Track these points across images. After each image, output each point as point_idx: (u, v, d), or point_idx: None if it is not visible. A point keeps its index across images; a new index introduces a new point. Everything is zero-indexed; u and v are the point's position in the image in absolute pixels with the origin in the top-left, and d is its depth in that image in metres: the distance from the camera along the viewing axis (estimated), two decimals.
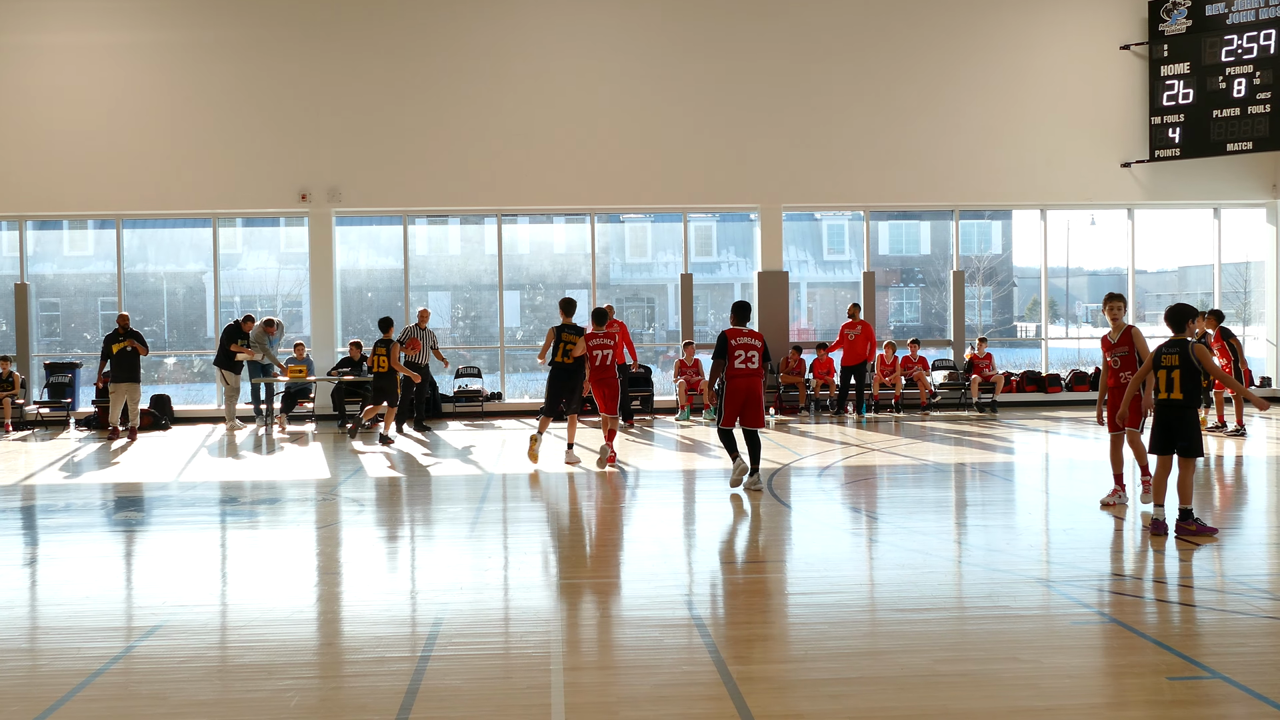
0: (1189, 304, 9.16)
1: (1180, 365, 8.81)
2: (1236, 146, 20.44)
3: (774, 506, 10.80)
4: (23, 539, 9.87)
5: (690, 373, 20.03)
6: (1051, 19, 21.45)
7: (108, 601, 7.51)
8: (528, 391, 22.16)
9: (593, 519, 10.54)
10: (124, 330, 17.97)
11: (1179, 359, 8.83)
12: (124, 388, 17.79)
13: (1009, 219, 27.00)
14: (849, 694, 5.41)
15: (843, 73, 21.07)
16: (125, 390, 17.79)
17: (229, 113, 20.36)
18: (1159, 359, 8.93)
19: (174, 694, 5.56)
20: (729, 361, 11.53)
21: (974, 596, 7.30)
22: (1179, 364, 8.82)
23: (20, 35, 20.14)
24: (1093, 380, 21.57)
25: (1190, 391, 8.81)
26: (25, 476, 13.79)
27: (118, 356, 17.75)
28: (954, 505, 11.15)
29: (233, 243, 23.21)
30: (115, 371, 17.74)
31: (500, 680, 5.71)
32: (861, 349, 19.36)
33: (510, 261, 22.45)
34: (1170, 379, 8.86)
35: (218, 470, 14.06)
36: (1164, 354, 8.91)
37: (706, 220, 25.45)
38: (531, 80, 20.61)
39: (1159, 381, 8.95)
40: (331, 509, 10.99)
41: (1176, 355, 8.85)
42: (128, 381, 17.79)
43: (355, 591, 7.74)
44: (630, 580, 8.01)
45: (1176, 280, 26.44)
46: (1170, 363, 8.86)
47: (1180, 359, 8.82)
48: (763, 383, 11.76)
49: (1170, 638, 6.32)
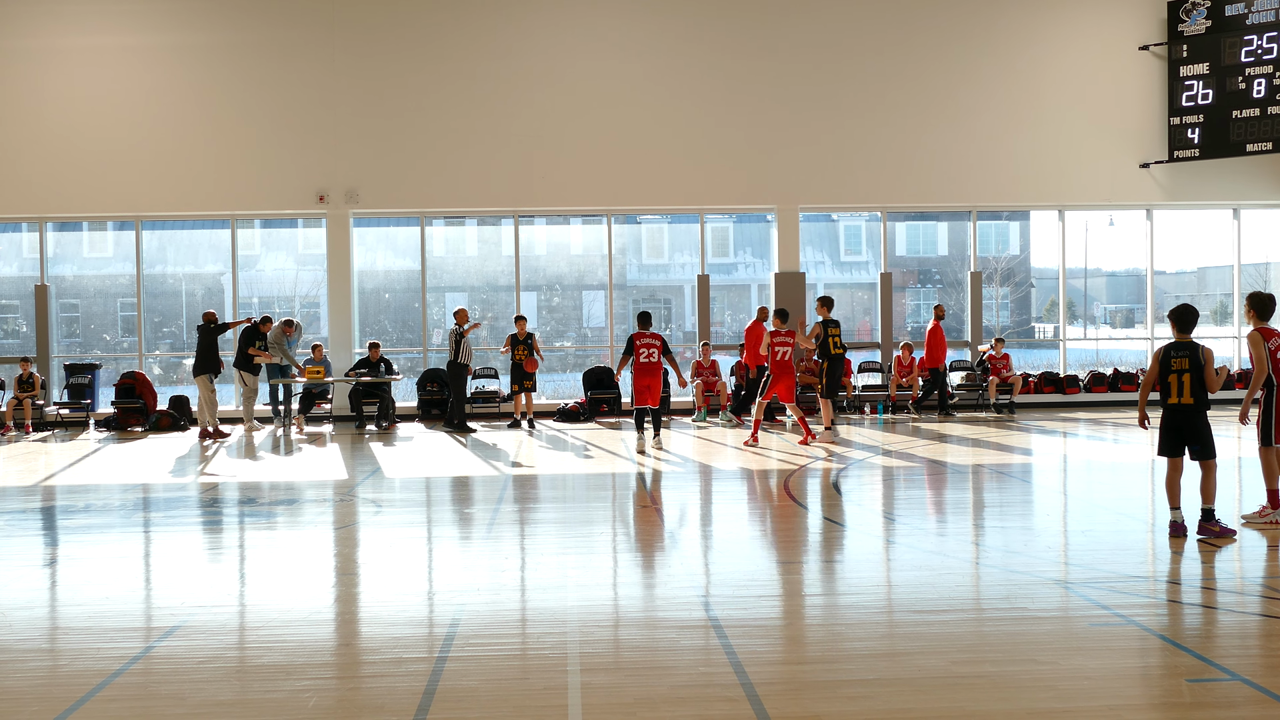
0: (1194, 306, 9.01)
1: (1190, 368, 8.71)
2: (1256, 147, 20.33)
3: (790, 507, 10.79)
4: (43, 539, 9.93)
5: (707, 374, 20.02)
6: (1070, 20, 21.37)
7: (127, 602, 7.55)
8: (544, 392, 22.18)
9: (609, 520, 10.54)
10: (216, 324, 18.19)
11: (1189, 362, 8.72)
12: (205, 379, 17.90)
13: (1027, 220, 26.94)
14: (866, 695, 5.40)
15: (860, 73, 21.03)
16: (206, 381, 17.91)
17: (247, 115, 20.45)
18: (1167, 363, 8.80)
19: (193, 694, 5.58)
20: (635, 356, 15.42)
21: (992, 598, 7.28)
22: (1189, 367, 8.71)
23: (40, 39, 20.26)
24: (1111, 381, 21.49)
25: (1200, 395, 8.71)
26: (47, 476, 13.87)
27: (204, 347, 17.92)
28: (971, 507, 11.12)
29: (251, 244, 23.31)
30: (200, 364, 17.92)
31: (517, 681, 5.72)
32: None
33: (527, 262, 22.48)
34: (1180, 382, 8.74)
35: (236, 471, 14.12)
36: (1172, 357, 8.79)
37: (723, 221, 25.46)
38: (548, 81, 20.64)
39: (1169, 385, 8.81)
40: (349, 510, 11.02)
41: (1186, 359, 8.72)
42: (206, 374, 17.94)
43: (373, 592, 7.76)
44: (647, 581, 8.01)
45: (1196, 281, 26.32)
46: (1180, 366, 8.72)
47: (1190, 362, 8.72)
48: (661, 372, 15.67)
49: (1189, 640, 6.30)
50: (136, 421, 19.47)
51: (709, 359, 20.22)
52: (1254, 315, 9.37)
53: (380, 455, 15.38)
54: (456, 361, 18.20)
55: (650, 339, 15.52)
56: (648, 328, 15.82)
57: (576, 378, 21.99)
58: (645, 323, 15.89)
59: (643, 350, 15.44)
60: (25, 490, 12.82)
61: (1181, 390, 8.70)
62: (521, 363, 18.72)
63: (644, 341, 15.50)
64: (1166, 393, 8.78)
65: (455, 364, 18.24)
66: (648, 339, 15.53)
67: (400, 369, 20.37)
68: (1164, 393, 8.82)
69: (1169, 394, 8.76)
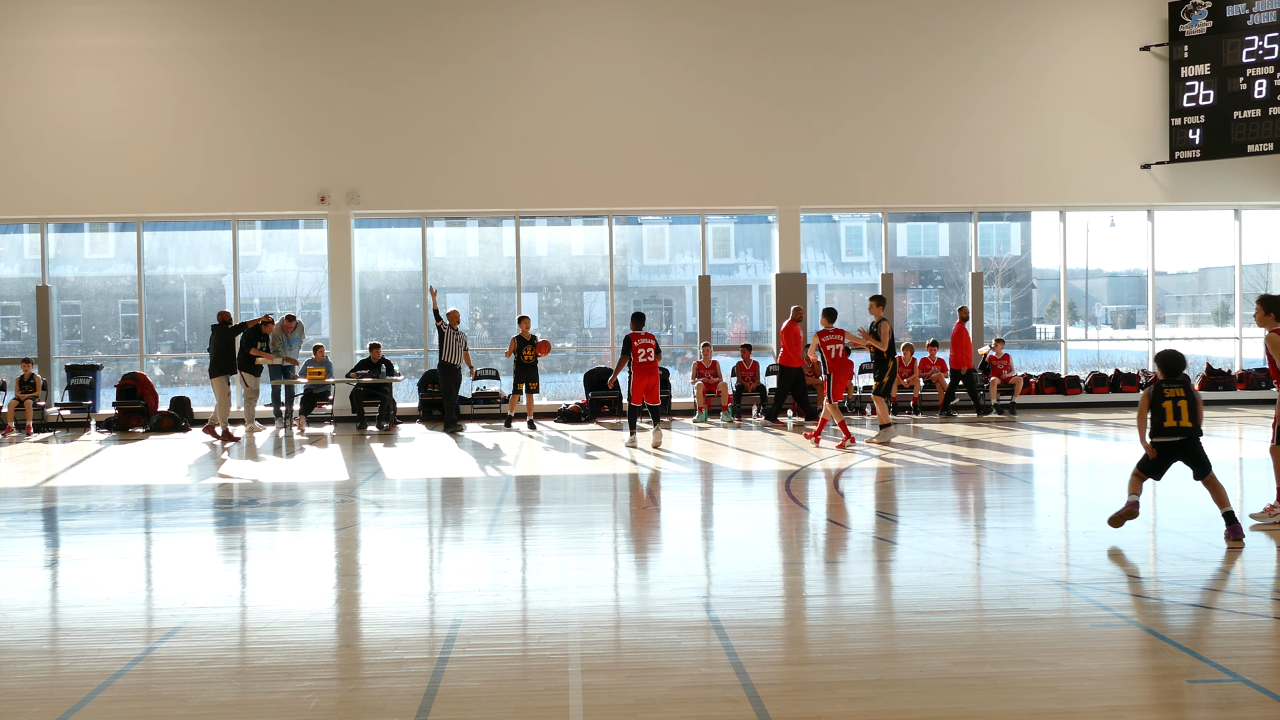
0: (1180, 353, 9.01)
1: (1186, 395, 8.78)
2: (1257, 148, 20.34)
3: (792, 508, 10.79)
4: (44, 540, 9.93)
5: (708, 374, 20.01)
6: (1071, 20, 21.37)
7: (128, 603, 7.55)
8: (545, 393, 22.19)
9: (610, 520, 10.54)
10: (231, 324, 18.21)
11: (1184, 390, 8.79)
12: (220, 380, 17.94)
13: (1028, 220, 26.93)
14: (867, 696, 5.40)
15: (861, 74, 21.04)
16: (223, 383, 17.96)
17: (248, 115, 20.46)
18: (1160, 394, 8.82)
19: (194, 695, 5.58)
20: (634, 356, 15.62)
21: (993, 599, 7.28)
22: (1184, 394, 8.77)
23: (41, 39, 20.28)
24: (1112, 382, 21.50)
25: (1196, 421, 8.77)
26: (48, 477, 13.88)
27: (220, 348, 17.93)
28: (972, 507, 11.12)
29: (252, 245, 23.32)
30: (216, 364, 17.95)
31: (518, 682, 5.72)
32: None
33: (528, 263, 22.49)
34: (1177, 408, 8.77)
35: (237, 472, 14.12)
36: (1165, 389, 8.81)
37: (724, 222, 25.46)
38: (549, 82, 20.65)
39: (1165, 413, 8.83)
40: (350, 511, 11.02)
41: (1180, 388, 8.80)
42: (223, 375, 17.98)
43: (374, 593, 7.76)
44: (648, 582, 8.02)
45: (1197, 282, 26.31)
46: (1175, 394, 8.78)
47: (1185, 390, 8.79)
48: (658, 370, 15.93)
49: (1190, 641, 6.29)
50: (138, 422, 19.48)
51: (710, 360, 20.21)
52: (1272, 317, 9.38)
53: (381, 456, 15.38)
54: (445, 361, 18.26)
55: (646, 338, 15.78)
56: (642, 328, 16.05)
57: (578, 379, 22.00)
58: (639, 323, 16.10)
59: (640, 350, 15.68)
60: (26, 491, 12.83)
61: (1179, 415, 8.77)
62: (531, 363, 18.65)
63: (640, 341, 15.73)
64: (1162, 418, 8.81)
65: (444, 363, 18.31)
66: (644, 339, 15.78)
67: (401, 370, 20.39)
68: (1158, 418, 8.84)
69: (1164, 419, 8.79)
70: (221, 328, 18.06)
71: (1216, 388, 21.53)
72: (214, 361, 17.97)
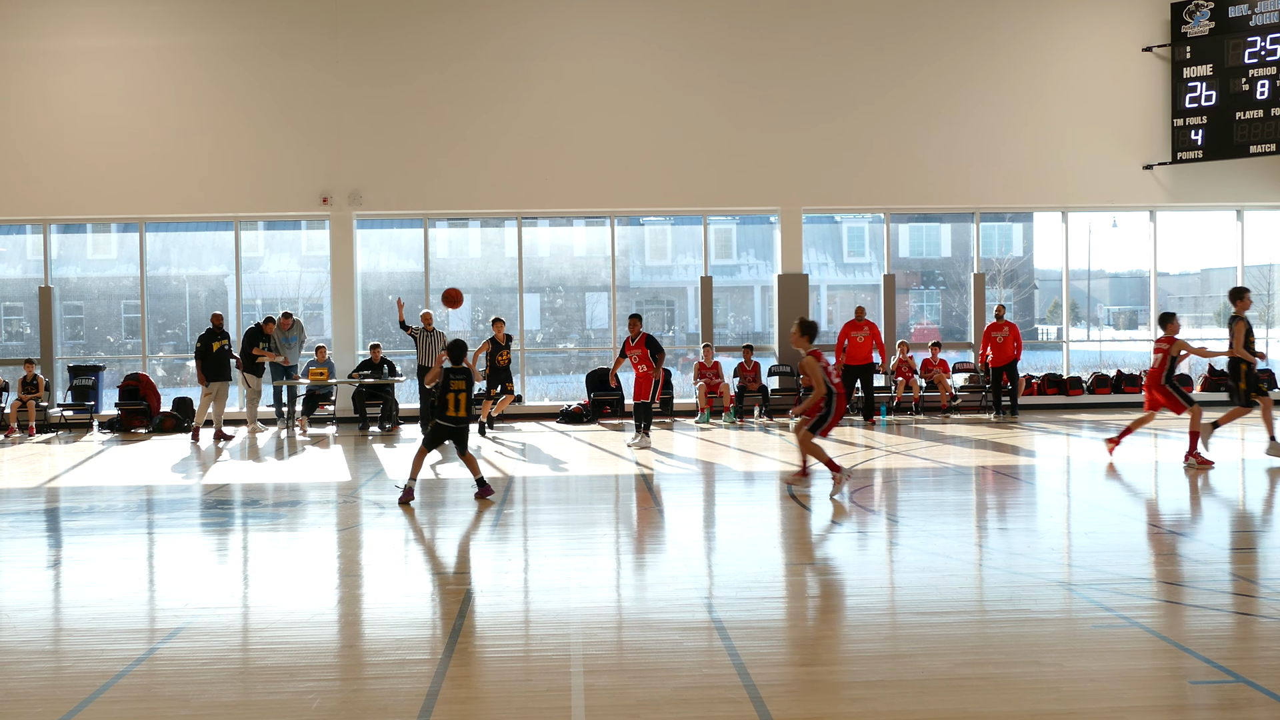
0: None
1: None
2: (1260, 149, 20.32)
3: (794, 509, 10.78)
4: (47, 541, 9.93)
5: (710, 375, 20.00)
6: (1073, 21, 21.37)
7: (131, 603, 7.55)
8: (547, 394, 22.20)
9: (613, 521, 10.54)
10: (218, 329, 18.19)
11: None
12: (218, 386, 18.08)
13: (1030, 221, 26.94)
14: (869, 697, 5.40)
15: (863, 74, 21.04)
16: (220, 389, 18.08)
17: (250, 116, 20.48)
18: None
19: (196, 696, 5.59)
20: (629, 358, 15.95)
21: (995, 600, 7.28)
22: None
23: (43, 40, 20.30)
24: (1114, 383, 21.48)
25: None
26: (51, 478, 13.89)
27: (216, 355, 18.06)
28: (974, 508, 11.11)
29: (254, 246, 23.35)
30: (213, 370, 18.06)
31: (520, 683, 5.72)
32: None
33: (530, 264, 22.49)
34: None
35: (240, 472, 14.13)
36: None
37: (726, 223, 25.47)
38: (551, 83, 20.66)
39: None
40: (352, 511, 11.02)
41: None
42: (222, 380, 18.09)
43: (376, 594, 7.76)
44: (650, 583, 8.01)
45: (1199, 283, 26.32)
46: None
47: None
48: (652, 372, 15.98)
49: (1193, 641, 6.29)
50: (140, 423, 19.50)
51: (712, 360, 20.20)
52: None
53: (383, 457, 15.39)
54: (424, 365, 18.07)
55: (637, 348, 16.18)
56: (637, 331, 16.39)
57: (579, 379, 21.99)
58: (633, 326, 16.48)
59: (632, 354, 16.16)
60: (29, 492, 12.84)
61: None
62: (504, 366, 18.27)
63: (630, 348, 16.25)
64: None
65: (423, 367, 18.06)
66: (634, 349, 16.22)
67: (403, 370, 20.38)
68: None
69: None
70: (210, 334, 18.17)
71: (1218, 388, 21.50)
72: (209, 367, 18.04)
